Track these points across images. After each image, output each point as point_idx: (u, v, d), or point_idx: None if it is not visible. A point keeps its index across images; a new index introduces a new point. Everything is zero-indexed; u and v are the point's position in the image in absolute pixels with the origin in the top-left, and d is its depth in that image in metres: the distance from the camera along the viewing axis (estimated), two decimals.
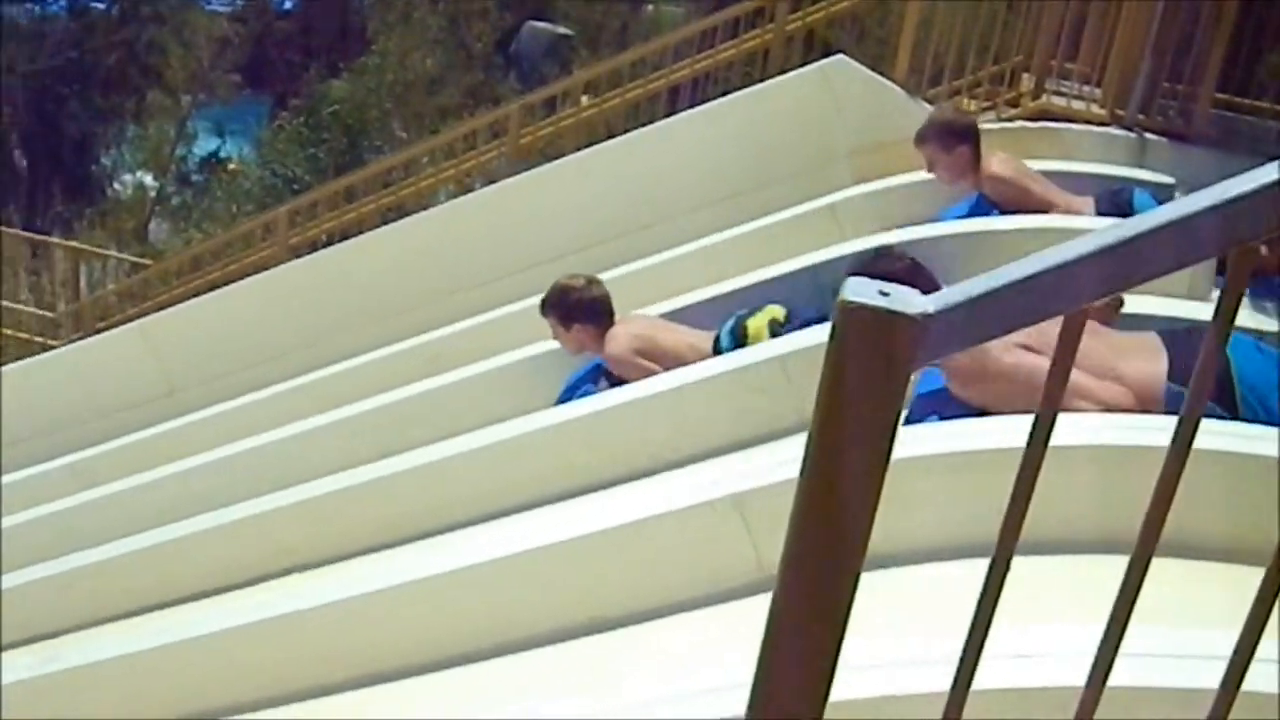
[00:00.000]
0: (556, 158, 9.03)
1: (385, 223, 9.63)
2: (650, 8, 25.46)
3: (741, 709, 1.37)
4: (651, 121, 8.45)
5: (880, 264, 4.60)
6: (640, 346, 5.72)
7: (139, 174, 25.71)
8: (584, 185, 7.89)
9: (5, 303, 13.58)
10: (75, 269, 15.22)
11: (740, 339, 5.52)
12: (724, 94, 8.35)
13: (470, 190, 10.62)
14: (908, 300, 1.20)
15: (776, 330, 5.48)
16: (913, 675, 2.46)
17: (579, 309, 5.95)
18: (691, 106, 8.42)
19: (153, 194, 23.94)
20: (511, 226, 7.98)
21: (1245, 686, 1.45)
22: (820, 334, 4.73)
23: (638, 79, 10.55)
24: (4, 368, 10.06)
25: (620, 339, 5.79)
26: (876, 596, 1.53)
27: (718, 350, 5.54)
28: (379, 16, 21.90)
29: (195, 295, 10.29)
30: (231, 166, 23.99)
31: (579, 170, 8.00)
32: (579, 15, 23.37)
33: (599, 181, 7.85)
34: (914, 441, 3.48)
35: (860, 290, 1.20)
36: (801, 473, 1.24)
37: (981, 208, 6.39)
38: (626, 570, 3.93)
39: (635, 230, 7.54)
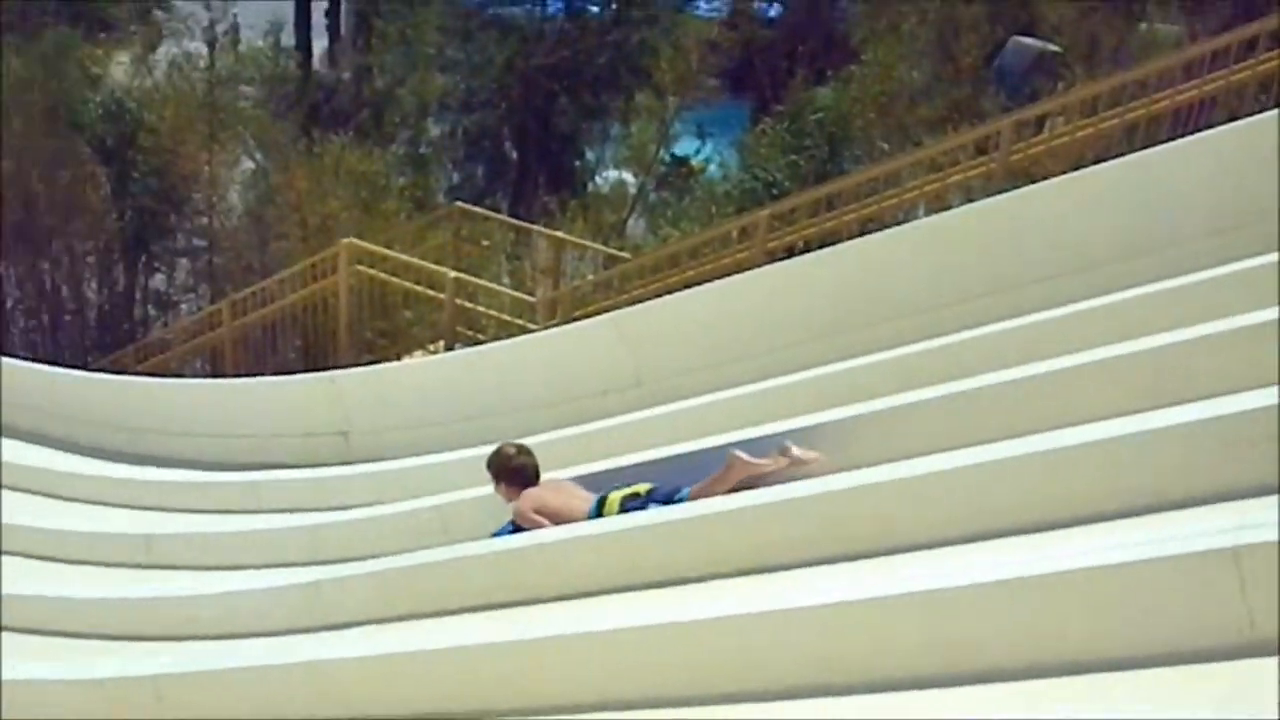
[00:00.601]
0: (1043, 178, 8.73)
1: (863, 233, 9.57)
2: (1144, 26, 24.46)
3: None
4: (1151, 145, 8.04)
5: None
6: (537, 507, 6.79)
7: (620, 171, 26.55)
8: (1073, 208, 7.54)
9: (487, 284, 14.26)
10: (556, 257, 15.90)
11: (601, 509, 6.53)
12: (1232, 119, 7.86)
13: (948, 207, 10.42)
14: None
15: (627, 504, 6.39)
16: None
17: (505, 472, 7.17)
18: (1197, 131, 7.97)
19: (633, 191, 24.66)
20: (994, 245, 7.72)
21: None
22: None
23: (1137, 99, 10.11)
24: (487, 345, 10.60)
25: (527, 500, 6.90)
26: None
27: (589, 515, 6.55)
28: (867, 26, 21.86)
29: (669, 291, 10.53)
30: (710, 168, 24.45)
31: (1069, 192, 7.65)
32: (1069, 32, 22.64)
33: (1089, 205, 7.49)
34: None
35: None
36: None
37: None
38: (1101, 613, 3.74)
39: (1120, 259, 7.16)
